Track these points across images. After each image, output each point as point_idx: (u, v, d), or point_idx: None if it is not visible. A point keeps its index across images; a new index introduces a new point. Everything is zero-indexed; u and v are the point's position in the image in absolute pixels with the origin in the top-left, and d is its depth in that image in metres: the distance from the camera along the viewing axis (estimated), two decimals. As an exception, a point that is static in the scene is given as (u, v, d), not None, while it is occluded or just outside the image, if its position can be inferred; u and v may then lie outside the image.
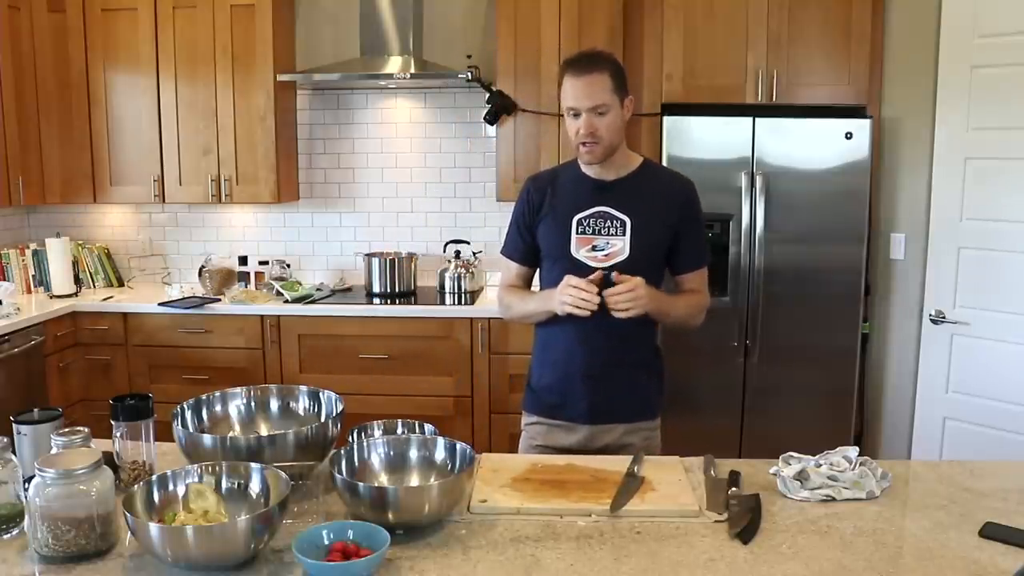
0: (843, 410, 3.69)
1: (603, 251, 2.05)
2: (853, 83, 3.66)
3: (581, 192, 2.11)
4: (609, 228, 2.06)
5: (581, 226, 2.08)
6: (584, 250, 2.07)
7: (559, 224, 2.10)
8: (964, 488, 1.69)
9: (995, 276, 3.23)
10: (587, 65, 2.00)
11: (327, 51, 4.31)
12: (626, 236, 2.05)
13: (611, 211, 2.06)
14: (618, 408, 2.10)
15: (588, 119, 1.99)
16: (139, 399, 1.64)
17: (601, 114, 1.99)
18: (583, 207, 2.08)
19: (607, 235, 2.06)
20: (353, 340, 3.90)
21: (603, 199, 2.08)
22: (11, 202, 3.96)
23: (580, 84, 1.99)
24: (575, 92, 1.99)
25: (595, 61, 2.01)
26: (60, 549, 1.36)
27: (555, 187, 2.14)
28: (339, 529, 1.39)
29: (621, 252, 2.05)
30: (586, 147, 2.02)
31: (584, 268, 2.03)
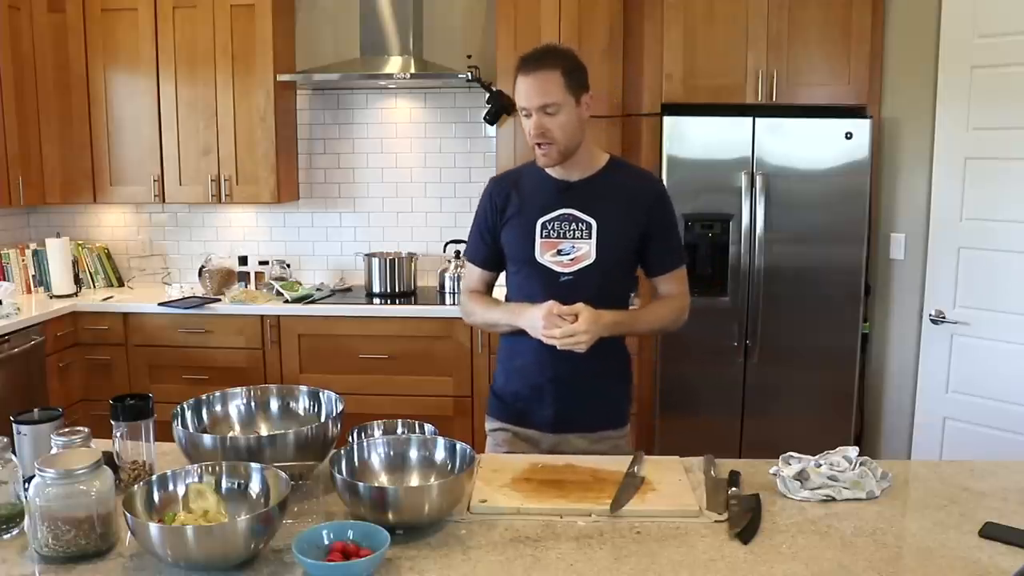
0: (843, 410, 3.69)
1: (569, 255, 1.99)
2: (853, 83, 3.65)
3: (545, 194, 2.03)
4: (574, 231, 1.99)
5: (545, 230, 2.01)
6: (549, 255, 2.00)
7: (523, 228, 2.03)
8: (964, 488, 1.69)
9: (995, 276, 3.23)
10: (536, 62, 1.91)
11: (327, 51, 4.31)
12: (592, 239, 1.98)
13: (576, 213, 2.00)
14: (585, 416, 2.04)
15: (538, 119, 1.91)
16: (139, 399, 1.63)
17: (551, 114, 1.90)
18: (547, 209, 2.01)
19: (572, 238, 1.99)
20: (353, 340, 3.90)
21: (567, 201, 2.01)
22: (11, 202, 3.96)
23: (528, 82, 1.91)
24: (524, 90, 1.91)
25: (545, 58, 1.92)
26: (60, 549, 1.36)
27: (518, 188, 2.07)
28: (339, 529, 1.39)
29: (587, 256, 1.99)
30: (541, 148, 1.94)
31: (549, 273, 1.99)
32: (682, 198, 3.60)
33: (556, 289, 1.97)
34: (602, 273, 1.98)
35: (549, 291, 1.97)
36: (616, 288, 2.05)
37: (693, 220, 3.63)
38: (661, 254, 2.05)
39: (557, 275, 1.99)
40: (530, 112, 1.92)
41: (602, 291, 1.97)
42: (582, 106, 1.94)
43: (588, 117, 1.97)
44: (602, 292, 1.97)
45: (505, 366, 2.13)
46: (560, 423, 2.04)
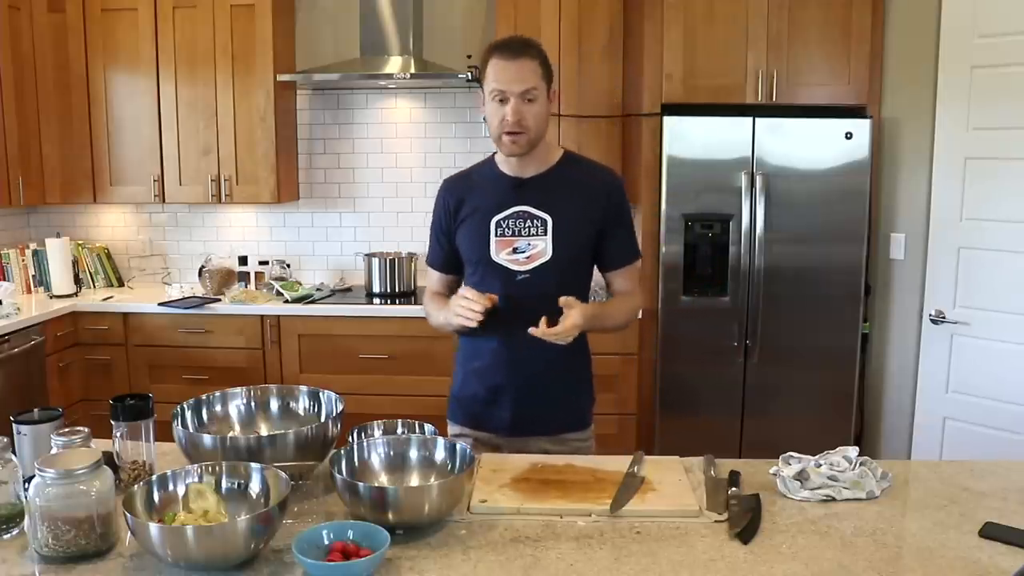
0: (843, 410, 3.70)
1: (524, 253, 1.96)
2: (853, 83, 3.65)
3: (498, 191, 2.00)
4: (530, 228, 1.96)
5: (500, 228, 1.98)
6: (504, 253, 1.97)
7: (478, 227, 2.00)
8: (964, 488, 1.69)
9: (995, 276, 3.23)
10: (518, 49, 1.90)
11: (327, 51, 4.31)
12: (547, 236, 1.96)
13: (531, 210, 1.97)
14: (544, 419, 2.02)
15: (517, 105, 1.87)
16: (139, 399, 1.64)
17: (531, 100, 1.88)
18: (501, 207, 1.98)
19: (528, 236, 1.96)
20: (353, 340, 3.90)
21: (522, 197, 1.98)
22: (11, 202, 3.96)
23: (511, 67, 1.88)
24: (505, 75, 1.87)
25: (527, 46, 1.91)
26: (60, 549, 1.36)
27: (471, 188, 2.05)
28: (339, 529, 1.39)
29: (543, 253, 1.96)
30: (512, 137, 1.90)
31: (506, 272, 1.97)
32: (682, 198, 3.62)
33: (513, 288, 1.96)
34: (559, 270, 1.96)
35: (506, 290, 1.95)
36: (573, 285, 2.00)
37: (693, 220, 3.63)
38: (616, 249, 2.03)
39: (514, 274, 1.97)
40: (507, 97, 1.88)
41: (559, 288, 1.92)
42: (551, 98, 1.96)
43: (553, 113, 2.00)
44: (560, 289, 1.92)
45: (463, 368, 2.11)
46: (518, 426, 2.01)
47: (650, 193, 3.69)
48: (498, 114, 1.90)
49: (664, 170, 3.61)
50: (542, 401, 2.01)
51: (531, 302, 1.92)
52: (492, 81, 1.90)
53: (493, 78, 1.90)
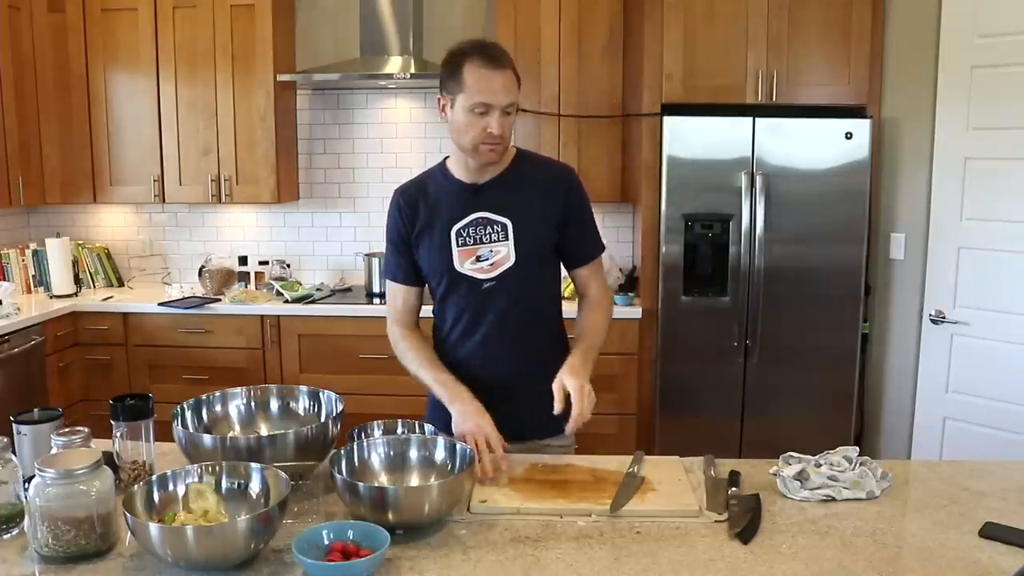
0: (843, 410, 3.69)
1: (488, 260, 1.91)
2: (853, 83, 3.65)
3: (454, 200, 1.94)
4: (491, 234, 1.91)
5: (461, 237, 1.92)
6: (468, 263, 1.92)
7: (438, 238, 1.94)
8: (964, 488, 1.69)
9: (995, 276, 3.23)
10: (501, 59, 1.82)
11: (327, 51, 4.31)
12: (509, 241, 1.91)
13: (490, 215, 1.91)
14: (525, 427, 1.93)
15: (502, 118, 1.82)
16: (139, 399, 1.64)
17: (509, 113, 1.83)
18: (460, 215, 1.92)
19: (490, 242, 1.91)
20: (353, 340, 3.90)
21: (479, 203, 1.92)
22: (11, 202, 3.96)
23: (498, 79, 1.80)
24: (491, 86, 1.80)
25: (505, 55, 1.84)
26: (60, 549, 1.36)
27: (426, 197, 1.97)
28: (339, 529, 1.39)
29: (507, 259, 1.91)
30: (491, 147, 1.84)
31: (471, 282, 1.92)
32: (682, 198, 3.62)
33: (479, 297, 1.93)
34: (524, 274, 1.92)
35: (474, 299, 1.93)
36: (540, 288, 1.99)
37: (693, 220, 3.63)
38: (579, 244, 1.99)
39: (479, 283, 1.92)
40: (490, 109, 1.81)
41: (527, 293, 1.93)
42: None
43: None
44: (527, 294, 1.93)
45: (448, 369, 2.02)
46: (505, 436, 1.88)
47: (650, 193, 3.69)
48: (477, 125, 1.82)
49: (664, 170, 3.61)
50: (524, 409, 1.91)
51: (500, 309, 1.92)
52: (475, 92, 1.80)
53: (476, 89, 1.80)
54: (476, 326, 1.97)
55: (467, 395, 1.86)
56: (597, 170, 3.96)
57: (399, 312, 2.05)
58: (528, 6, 3.87)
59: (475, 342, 1.97)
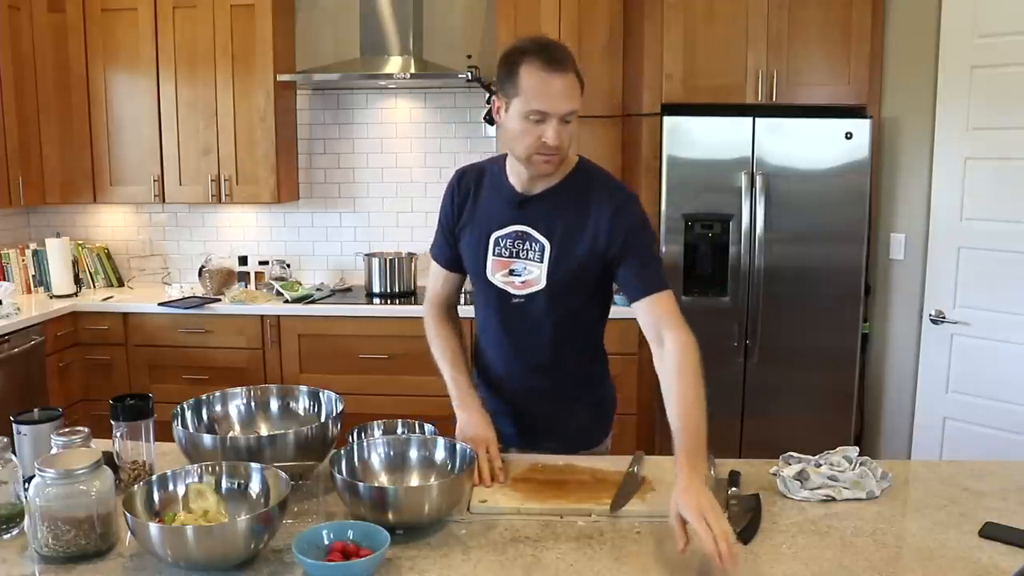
0: (843, 410, 3.69)
1: (520, 277, 1.81)
2: (853, 83, 3.65)
3: (501, 205, 1.83)
4: (528, 251, 1.80)
5: (498, 246, 1.83)
6: (500, 274, 1.83)
7: (477, 240, 1.86)
8: (964, 488, 1.69)
9: (995, 276, 3.23)
10: (564, 62, 1.66)
11: (327, 51, 4.31)
12: (543, 264, 1.78)
13: (530, 232, 1.80)
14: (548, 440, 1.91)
15: (559, 127, 1.67)
16: (139, 399, 1.63)
17: (568, 122, 1.68)
18: (502, 224, 1.82)
19: (525, 259, 1.80)
20: (353, 340, 3.90)
21: (523, 216, 1.80)
22: (11, 202, 3.96)
23: (558, 83, 1.64)
24: (552, 92, 1.64)
25: (568, 57, 1.67)
26: (60, 549, 1.36)
27: (478, 191, 1.88)
28: (339, 529, 1.39)
29: (537, 281, 1.80)
30: (546, 159, 1.71)
31: (501, 293, 1.84)
32: (682, 198, 3.61)
33: (509, 310, 1.85)
34: (553, 299, 1.81)
35: (503, 311, 1.86)
36: (574, 315, 1.87)
37: (693, 220, 3.63)
38: (629, 280, 1.77)
39: (509, 296, 1.84)
40: (548, 117, 1.65)
41: (558, 318, 1.84)
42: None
43: None
44: (558, 319, 1.84)
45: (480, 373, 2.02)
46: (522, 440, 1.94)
47: (650, 193, 3.68)
48: (533, 133, 1.67)
49: (664, 170, 3.61)
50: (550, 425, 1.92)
51: (528, 327, 1.85)
52: (532, 98, 1.65)
53: (533, 94, 1.65)
54: (503, 336, 1.91)
55: (475, 404, 1.86)
56: (597, 170, 3.96)
57: (436, 295, 2.02)
58: (528, 6, 3.87)
59: (501, 352, 1.92)
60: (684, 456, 1.51)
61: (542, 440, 1.92)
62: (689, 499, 1.39)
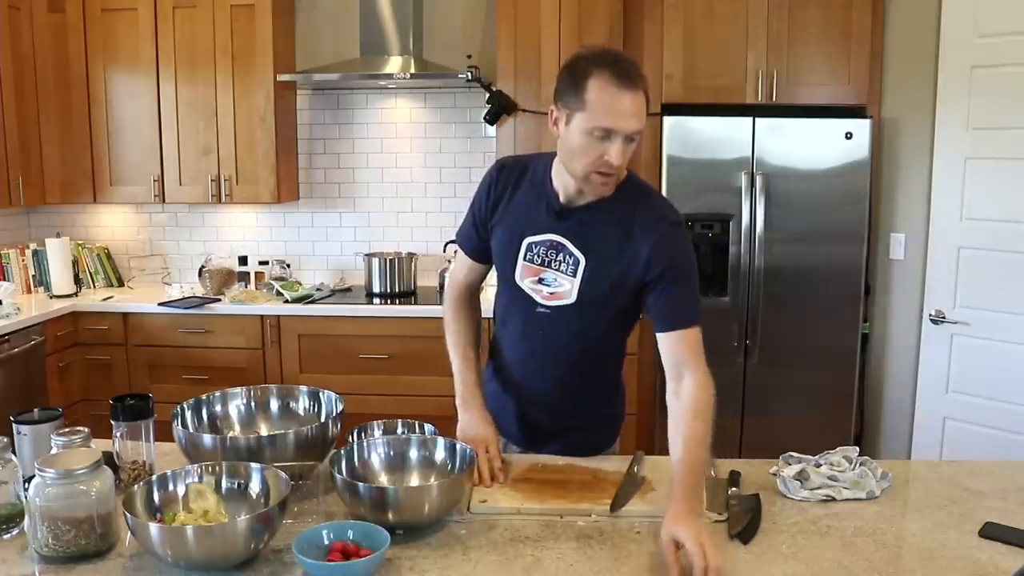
0: (843, 410, 3.70)
1: (549, 288, 1.75)
2: (853, 83, 3.65)
3: (541, 210, 1.75)
4: (561, 263, 1.73)
5: (531, 252, 1.77)
6: (529, 280, 1.78)
7: (508, 240, 1.80)
8: (964, 488, 1.69)
9: (995, 276, 3.23)
10: (636, 79, 1.57)
11: (327, 51, 4.31)
12: (576, 279, 1.72)
13: (567, 244, 1.72)
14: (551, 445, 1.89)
15: (623, 146, 1.57)
16: (139, 399, 1.63)
17: (632, 140, 1.58)
18: (538, 230, 1.75)
19: (556, 270, 1.74)
20: (353, 340, 3.90)
21: (561, 226, 1.73)
22: (11, 202, 3.96)
23: (628, 100, 1.55)
24: (621, 109, 1.54)
25: (640, 74, 1.58)
26: (60, 549, 1.36)
27: (517, 188, 1.81)
28: (339, 529, 1.39)
29: (568, 295, 1.74)
30: (604, 180, 1.62)
31: (528, 299, 1.79)
32: (682, 198, 3.61)
33: (532, 317, 1.80)
34: (581, 316, 1.75)
35: (527, 318, 1.81)
36: (598, 334, 1.81)
37: (693, 220, 3.63)
38: (659, 309, 1.71)
39: (535, 303, 1.78)
40: (611, 135, 1.56)
41: (581, 334, 1.79)
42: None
43: None
44: (581, 336, 1.79)
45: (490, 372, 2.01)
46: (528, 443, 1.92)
47: (650, 193, 3.68)
48: (595, 150, 1.58)
49: (664, 170, 3.61)
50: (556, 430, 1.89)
51: (549, 338, 1.80)
52: (600, 114, 1.55)
53: (602, 110, 1.55)
54: (522, 342, 1.86)
55: (478, 403, 1.85)
56: (597, 170, 3.96)
57: (459, 282, 1.99)
58: (528, 6, 3.87)
59: (518, 356, 1.88)
60: (682, 489, 1.48)
61: (545, 445, 1.90)
62: (688, 528, 1.36)
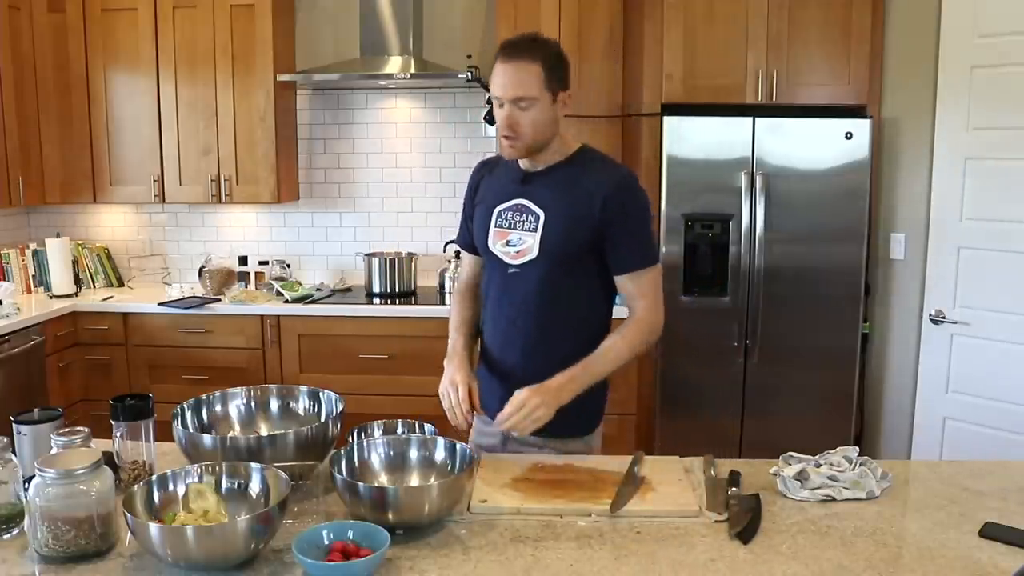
0: (843, 410, 3.69)
1: (515, 247, 1.92)
2: (853, 83, 3.65)
3: (507, 181, 1.98)
4: (524, 223, 1.91)
5: (500, 218, 1.96)
6: (500, 244, 1.95)
7: (484, 214, 2.00)
8: (964, 488, 1.69)
9: (995, 276, 3.23)
10: (519, 51, 1.81)
11: (327, 51, 4.31)
12: (537, 233, 1.89)
13: (528, 204, 1.92)
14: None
15: (509, 111, 1.81)
16: (139, 399, 1.64)
17: (523, 108, 1.80)
18: (506, 198, 1.96)
19: (520, 230, 1.92)
20: (353, 340, 3.90)
21: (524, 190, 1.94)
22: (11, 202, 3.96)
23: (507, 71, 1.81)
24: (500, 79, 1.81)
25: (529, 48, 1.81)
26: (60, 549, 1.36)
27: (491, 174, 2.04)
28: (339, 529, 1.39)
29: (531, 250, 1.90)
30: (507, 141, 1.85)
31: (501, 264, 1.95)
32: (682, 198, 3.62)
33: (506, 280, 1.95)
34: (545, 270, 1.89)
35: (501, 281, 1.97)
36: (566, 288, 1.92)
37: (693, 220, 3.63)
38: (617, 254, 1.88)
39: (507, 266, 1.94)
40: (501, 101, 1.83)
41: (549, 289, 1.90)
42: (559, 103, 1.86)
43: (564, 115, 1.89)
44: (550, 290, 1.90)
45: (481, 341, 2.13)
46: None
47: (650, 193, 3.62)
48: (498, 116, 1.85)
49: (664, 170, 3.61)
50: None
51: (521, 298, 1.93)
52: (492, 85, 1.84)
53: (493, 81, 1.84)
54: (500, 308, 1.99)
55: (459, 357, 2.00)
56: (597, 170, 3.96)
57: (463, 279, 2.19)
58: (528, 6, 3.87)
59: (497, 326, 2.00)
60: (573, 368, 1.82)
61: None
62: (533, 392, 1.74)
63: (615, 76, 3.92)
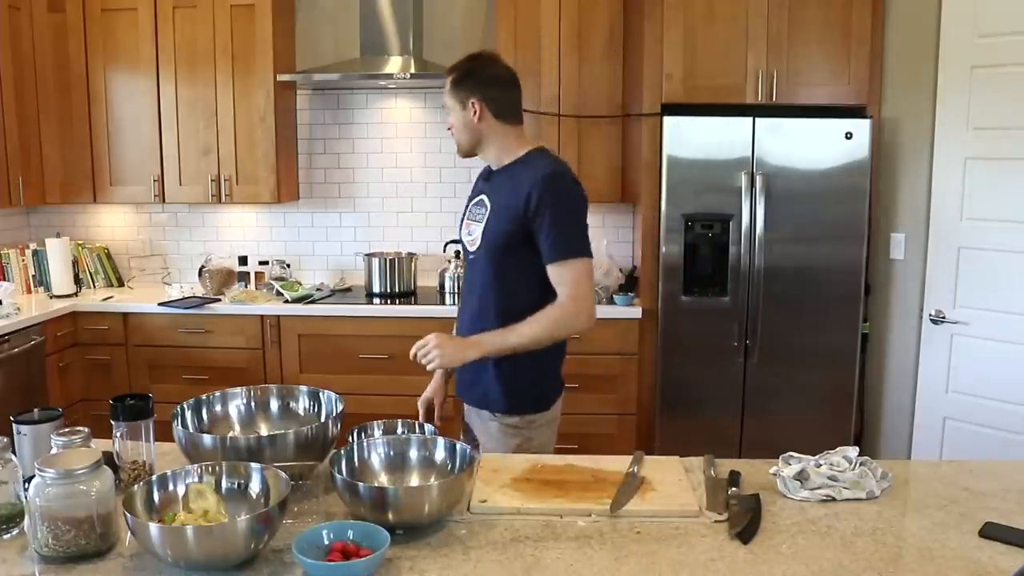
0: (843, 410, 3.69)
1: (471, 236, 2.19)
2: (853, 83, 3.65)
3: (480, 180, 2.28)
4: (478, 215, 2.18)
5: (468, 211, 2.25)
6: (464, 233, 2.23)
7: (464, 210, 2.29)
8: (964, 488, 1.69)
9: (995, 276, 3.23)
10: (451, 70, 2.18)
11: (327, 51, 4.31)
12: (482, 224, 2.15)
13: (484, 199, 2.18)
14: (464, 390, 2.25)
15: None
16: (139, 399, 1.64)
17: (448, 114, 2.18)
18: (476, 194, 2.25)
19: (476, 221, 2.18)
20: (353, 340, 3.90)
21: (486, 187, 2.22)
22: (11, 202, 3.96)
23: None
24: None
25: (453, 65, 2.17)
26: (60, 549, 1.36)
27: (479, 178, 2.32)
28: (339, 529, 1.39)
29: (476, 240, 2.16)
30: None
31: (466, 251, 2.23)
32: (682, 198, 3.62)
33: (468, 265, 2.25)
34: (486, 258, 2.13)
35: (467, 269, 2.27)
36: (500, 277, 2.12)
37: (693, 220, 3.63)
38: (543, 244, 2.05)
39: (468, 252, 2.22)
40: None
41: (492, 276, 2.13)
42: (468, 111, 2.12)
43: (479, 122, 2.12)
44: (492, 277, 2.13)
45: None
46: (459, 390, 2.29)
47: (650, 193, 3.69)
48: None
49: (664, 170, 3.61)
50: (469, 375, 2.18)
51: (472, 283, 2.21)
52: None
53: None
54: (465, 293, 2.28)
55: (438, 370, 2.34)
56: (597, 170, 3.97)
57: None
58: (528, 6, 3.87)
59: (466, 312, 2.24)
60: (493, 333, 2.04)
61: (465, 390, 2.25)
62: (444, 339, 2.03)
63: (615, 76, 3.92)
